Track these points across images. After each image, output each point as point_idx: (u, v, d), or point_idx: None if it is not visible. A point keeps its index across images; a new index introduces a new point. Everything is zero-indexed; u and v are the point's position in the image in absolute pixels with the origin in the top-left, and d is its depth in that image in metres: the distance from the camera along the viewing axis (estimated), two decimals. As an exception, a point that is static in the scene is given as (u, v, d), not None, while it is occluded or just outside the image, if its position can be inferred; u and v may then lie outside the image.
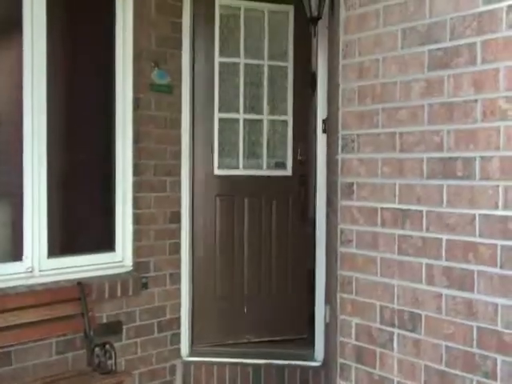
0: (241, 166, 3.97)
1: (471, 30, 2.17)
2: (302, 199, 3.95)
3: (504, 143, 2.06)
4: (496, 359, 2.07)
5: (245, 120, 3.96)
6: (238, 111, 3.93)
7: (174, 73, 3.68)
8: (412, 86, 2.37)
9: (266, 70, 3.95)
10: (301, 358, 3.67)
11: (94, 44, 3.50)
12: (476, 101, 2.14)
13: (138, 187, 3.56)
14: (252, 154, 4.00)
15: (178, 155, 3.72)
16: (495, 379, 2.08)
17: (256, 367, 3.64)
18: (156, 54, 3.59)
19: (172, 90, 3.67)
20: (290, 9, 3.94)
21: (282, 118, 4.01)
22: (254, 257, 4.03)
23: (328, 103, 3.49)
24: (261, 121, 3.99)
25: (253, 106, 3.98)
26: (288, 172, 3.98)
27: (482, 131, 2.12)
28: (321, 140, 3.62)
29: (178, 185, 3.72)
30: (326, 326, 3.44)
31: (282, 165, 4.00)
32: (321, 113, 3.61)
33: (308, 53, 3.98)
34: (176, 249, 3.73)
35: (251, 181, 3.94)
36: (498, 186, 2.07)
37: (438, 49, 2.28)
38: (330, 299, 3.13)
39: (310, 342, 3.70)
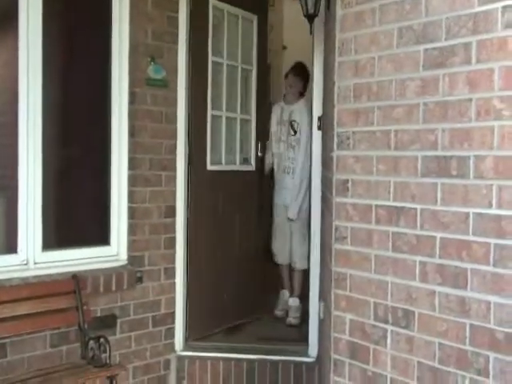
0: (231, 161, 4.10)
1: (467, 29, 2.18)
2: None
3: (498, 143, 2.07)
4: (488, 356, 2.09)
5: (226, 118, 4.12)
6: (221, 109, 4.05)
7: (169, 67, 3.68)
8: (407, 84, 2.38)
9: (239, 71, 4.17)
10: (295, 353, 3.69)
11: (90, 38, 3.50)
12: (471, 100, 2.15)
13: (133, 181, 3.56)
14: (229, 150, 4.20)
15: (173, 150, 3.73)
16: (487, 376, 2.10)
17: (250, 362, 3.66)
18: (152, 48, 3.58)
19: (168, 84, 3.67)
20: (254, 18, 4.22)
21: (247, 117, 4.28)
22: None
23: (324, 101, 3.50)
24: (235, 119, 4.19)
25: (232, 104, 4.16)
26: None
27: (476, 130, 2.14)
28: (316, 137, 3.63)
29: (173, 179, 3.73)
30: (320, 322, 3.46)
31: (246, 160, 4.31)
32: (316, 110, 3.62)
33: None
34: (171, 243, 3.74)
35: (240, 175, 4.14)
36: (491, 185, 2.09)
37: (434, 48, 2.28)
38: (324, 296, 3.15)
39: (304, 338, 3.72)
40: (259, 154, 4.31)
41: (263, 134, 4.42)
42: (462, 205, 2.17)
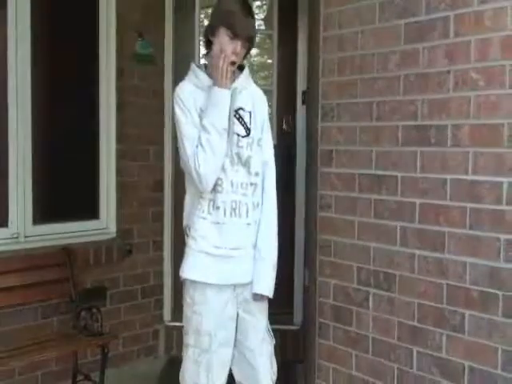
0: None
1: (445, 4, 2.28)
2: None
3: (474, 112, 2.19)
4: (464, 314, 2.23)
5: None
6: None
7: (157, 43, 3.72)
8: (389, 57, 2.49)
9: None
10: (280, 321, 3.80)
11: (77, 14, 3.51)
12: (449, 72, 2.26)
13: (121, 156, 3.62)
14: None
15: (160, 125, 3.78)
16: (463, 332, 2.24)
17: (236, 331, 3.76)
18: (140, 24, 3.61)
19: (155, 60, 3.72)
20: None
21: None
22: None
23: (308, 75, 3.58)
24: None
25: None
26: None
27: (454, 100, 2.25)
28: (300, 111, 3.72)
29: (160, 154, 3.79)
30: (305, 289, 3.57)
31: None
32: (300, 85, 3.70)
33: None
34: (159, 217, 3.82)
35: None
36: (468, 152, 2.21)
37: (415, 22, 2.39)
38: (309, 263, 3.26)
39: (289, 305, 3.84)
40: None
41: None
42: (440, 172, 2.29)
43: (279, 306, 3.96)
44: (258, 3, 4.54)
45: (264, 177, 2.11)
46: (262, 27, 4.32)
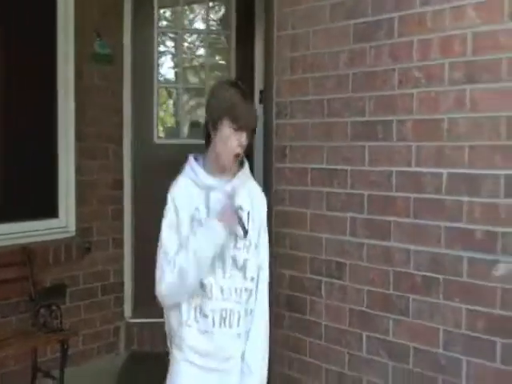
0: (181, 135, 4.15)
1: (390, 6, 2.41)
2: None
3: (416, 108, 2.33)
4: (409, 298, 2.36)
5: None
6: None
7: (116, 44, 3.76)
8: (339, 56, 2.60)
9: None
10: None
11: (34, 13, 3.52)
12: (394, 70, 2.39)
13: (80, 154, 3.64)
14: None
15: (119, 124, 3.82)
16: (408, 316, 2.36)
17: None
18: (98, 23, 3.65)
19: (114, 60, 3.76)
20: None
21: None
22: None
23: (264, 74, 3.68)
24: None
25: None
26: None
27: (398, 97, 2.39)
28: (258, 110, 3.80)
29: (120, 152, 3.83)
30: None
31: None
32: (258, 84, 3.80)
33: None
34: (118, 215, 3.86)
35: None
36: (411, 145, 2.34)
37: (362, 22, 2.51)
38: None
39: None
40: None
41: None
42: (387, 164, 2.42)
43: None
44: (211, 4, 4.63)
45: (257, 280, 1.93)
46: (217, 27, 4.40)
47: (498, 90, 2.11)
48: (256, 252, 1.92)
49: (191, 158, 1.93)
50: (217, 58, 4.58)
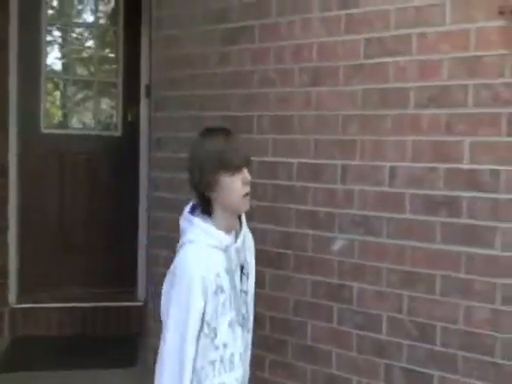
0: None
1: (253, 14, 2.72)
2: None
3: (272, 105, 2.65)
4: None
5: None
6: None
7: (1, 30, 3.80)
8: (210, 56, 2.88)
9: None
10: (125, 299, 4.09)
11: None
12: (253, 72, 2.71)
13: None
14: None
15: (4, 109, 3.87)
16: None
17: (83, 310, 3.97)
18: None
19: (-1, 46, 3.80)
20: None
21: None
22: (83, 210, 4.31)
23: (149, 70, 3.89)
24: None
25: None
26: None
27: (257, 95, 2.71)
28: (143, 104, 4.03)
29: (5, 138, 3.88)
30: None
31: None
32: (144, 78, 4.01)
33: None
34: (3, 202, 3.91)
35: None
36: (268, 138, 2.67)
37: (229, 28, 2.81)
38: (149, 240, 3.58)
39: (133, 283, 4.13)
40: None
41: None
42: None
43: (122, 285, 4.25)
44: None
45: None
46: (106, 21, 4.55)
47: (335, 92, 2.48)
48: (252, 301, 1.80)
49: (197, 219, 1.68)
50: (106, 51, 4.70)
